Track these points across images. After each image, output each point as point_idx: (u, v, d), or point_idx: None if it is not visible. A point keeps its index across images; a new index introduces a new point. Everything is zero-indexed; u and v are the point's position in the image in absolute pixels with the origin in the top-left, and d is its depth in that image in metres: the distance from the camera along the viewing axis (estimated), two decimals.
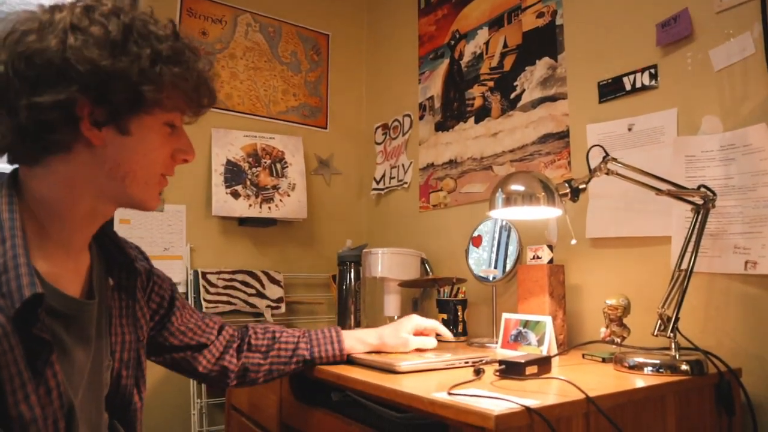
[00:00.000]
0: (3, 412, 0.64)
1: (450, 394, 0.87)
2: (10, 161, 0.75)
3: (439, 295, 1.77)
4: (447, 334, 1.34)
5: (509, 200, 1.20)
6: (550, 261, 1.44)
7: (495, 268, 1.65)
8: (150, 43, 0.73)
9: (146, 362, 0.98)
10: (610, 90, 1.50)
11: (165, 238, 2.04)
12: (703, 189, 1.18)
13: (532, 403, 0.79)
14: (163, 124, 0.79)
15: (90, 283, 0.83)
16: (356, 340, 1.23)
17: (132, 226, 1.98)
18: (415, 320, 1.29)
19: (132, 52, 0.71)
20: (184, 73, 0.76)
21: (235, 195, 2.14)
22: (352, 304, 1.93)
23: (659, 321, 1.13)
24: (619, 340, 1.22)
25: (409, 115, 2.30)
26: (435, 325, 1.32)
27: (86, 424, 0.80)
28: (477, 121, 1.95)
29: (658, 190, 1.18)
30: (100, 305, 0.85)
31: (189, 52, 0.78)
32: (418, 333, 1.29)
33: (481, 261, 1.70)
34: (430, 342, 1.29)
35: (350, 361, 1.22)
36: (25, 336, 0.66)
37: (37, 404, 0.66)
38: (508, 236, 1.64)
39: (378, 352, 1.23)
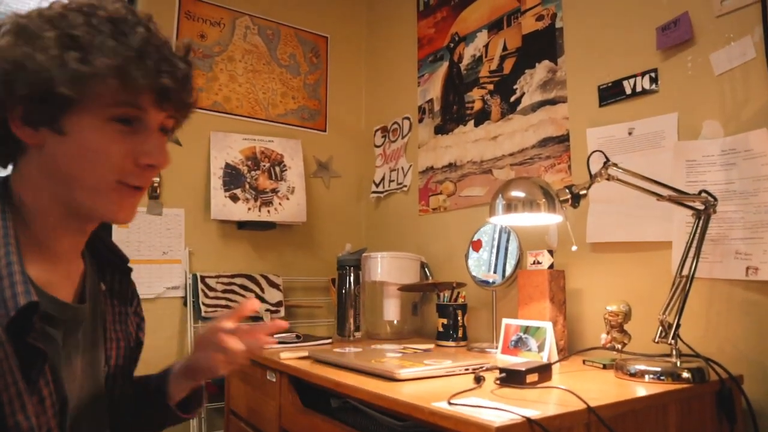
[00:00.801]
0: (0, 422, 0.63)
1: (450, 403, 0.86)
2: None
3: (439, 300, 1.76)
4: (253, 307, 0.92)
5: (510, 207, 1.20)
6: (551, 266, 1.44)
7: (495, 272, 1.65)
8: (59, 26, 0.65)
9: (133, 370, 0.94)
10: (611, 94, 1.50)
11: (163, 242, 2.03)
12: (704, 194, 1.17)
13: (533, 413, 0.79)
14: (107, 121, 0.68)
15: (83, 288, 0.81)
16: (175, 382, 0.95)
17: (130, 230, 1.97)
18: (212, 332, 0.89)
19: (42, 38, 0.64)
20: (116, 59, 0.65)
21: (234, 198, 2.13)
22: (352, 308, 1.92)
23: (660, 327, 1.12)
24: (619, 346, 1.21)
25: (408, 118, 2.29)
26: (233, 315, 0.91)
27: (86, 422, 0.79)
28: (477, 125, 1.94)
29: (659, 196, 1.18)
30: (94, 310, 0.83)
31: (124, 24, 0.68)
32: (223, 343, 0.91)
33: (481, 265, 1.70)
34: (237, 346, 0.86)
35: (347, 367, 1.22)
36: (19, 345, 0.64)
37: (32, 414, 0.65)
38: (508, 240, 1.64)
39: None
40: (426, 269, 2.01)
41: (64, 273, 0.77)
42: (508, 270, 1.61)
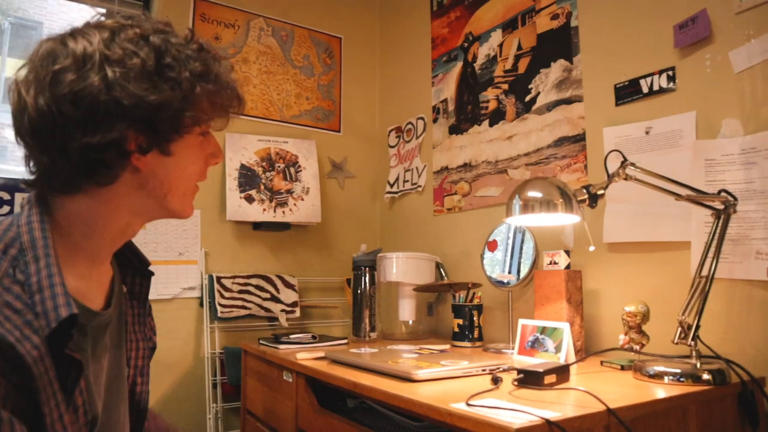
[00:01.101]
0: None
1: (468, 404, 0.86)
2: (48, 190, 0.73)
3: (455, 300, 1.76)
4: None
5: (527, 207, 1.19)
6: (567, 266, 1.43)
7: (510, 273, 1.64)
8: (185, 65, 0.72)
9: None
10: (627, 92, 1.48)
11: (180, 243, 2.05)
12: (723, 194, 1.16)
13: (552, 415, 0.78)
14: (197, 136, 0.78)
15: (110, 292, 0.83)
16: None
17: (147, 231, 1.99)
18: None
19: (171, 79, 0.71)
20: (216, 87, 0.76)
21: (250, 199, 2.14)
22: (367, 308, 1.92)
23: (679, 328, 1.11)
24: (638, 347, 1.20)
25: (422, 118, 2.29)
26: None
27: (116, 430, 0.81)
28: (491, 124, 1.93)
29: (678, 196, 1.16)
30: (118, 313, 0.85)
31: (214, 61, 0.77)
32: None
33: (496, 265, 1.69)
34: None
35: (364, 368, 1.22)
36: (57, 355, 0.65)
37: (69, 424, 0.66)
38: (524, 241, 1.63)
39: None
40: (441, 269, 2.00)
41: (97, 279, 0.79)
42: (524, 270, 1.60)
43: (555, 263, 1.44)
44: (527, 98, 1.80)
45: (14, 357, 0.59)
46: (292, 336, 1.73)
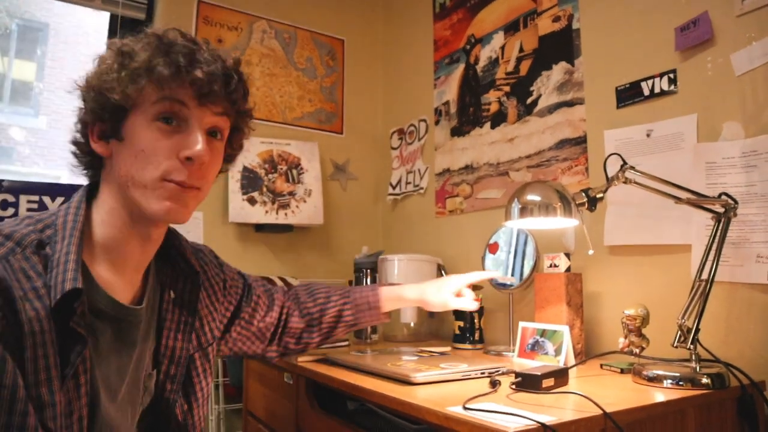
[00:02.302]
0: (25, 392, 0.66)
1: (465, 408, 0.86)
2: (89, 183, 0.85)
3: None
4: (493, 275, 1.46)
5: (526, 210, 1.19)
6: (568, 269, 1.43)
7: (512, 275, 1.64)
8: (119, 50, 0.77)
9: (206, 381, 0.98)
10: (628, 95, 1.48)
11: None
12: (724, 197, 1.15)
13: (548, 419, 0.79)
14: (152, 120, 0.76)
15: (143, 292, 0.87)
16: (395, 300, 1.27)
17: None
18: (457, 280, 1.30)
19: (105, 62, 0.78)
20: (146, 58, 0.75)
21: (252, 201, 2.15)
22: None
23: (679, 332, 1.11)
24: (637, 350, 1.20)
25: (424, 120, 2.29)
26: (478, 277, 1.34)
27: (123, 427, 0.82)
28: (493, 127, 1.93)
29: (678, 199, 1.16)
30: (150, 315, 0.88)
31: (151, 36, 0.77)
32: (459, 295, 1.30)
33: (497, 267, 1.69)
34: (471, 305, 1.29)
35: (364, 370, 1.22)
36: (63, 328, 0.70)
37: (59, 391, 0.69)
38: (525, 243, 1.63)
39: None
40: (443, 271, 2.00)
41: (129, 279, 0.83)
42: (525, 273, 1.60)
43: (555, 266, 1.44)
44: (529, 100, 1.80)
45: (14, 310, 0.66)
46: None
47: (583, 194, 1.18)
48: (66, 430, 0.70)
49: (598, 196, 1.18)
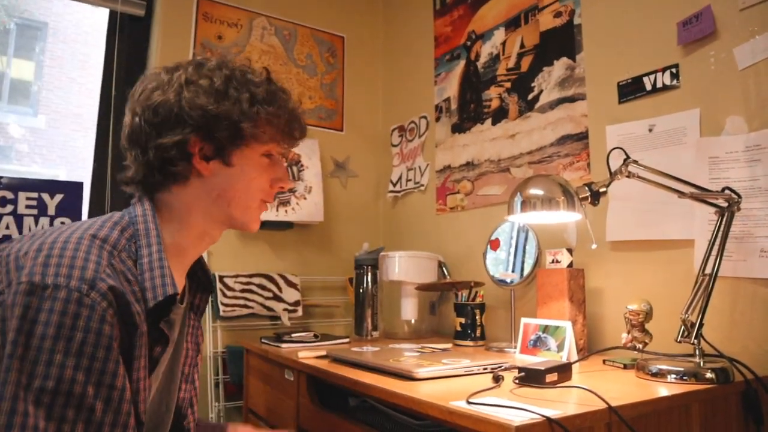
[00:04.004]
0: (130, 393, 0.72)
1: (469, 402, 0.85)
2: (142, 191, 0.88)
3: (457, 299, 1.75)
4: None
5: (528, 204, 1.18)
6: (570, 264, 1.42)
7: (513, 271, 1.63)
8: (247, 88, 0.86)
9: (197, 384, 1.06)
10: (630, 90, 1.47)
11: None
12: (727, 191, 1.15)
13: (553, 413, 0.78)
14: (260, 156, 0.89)
15: (182, 295, 0.93)
16: None
17: None
18: None
19: (233, 97, 0.85)
20: (277, 111, 0.88)
21: None
22: (369, 307, 1.92)
23: (683, 327, 1.11)
24: (640, 346, 1.19)
25: (425, 117, 2.29)
26: None
27: (153, 418, 0.88)
28: (494, 123, 1.93)
29: (681, 193, 1.16)
30: (183, 316, 0.95)
31: (281, 93, 0.91)
32: None
33: (499, 264, 1.69)
34: None
35: (365, 366, 1.22)
36: (151, 328, 0.77)
37: (143, 389, 0.75)
38: (526, 239, 1.62)
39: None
40: (444, 268, 2.00)
41: (179, 281, 0.89)
42: (527, 269, 1.60)
43: (557, 261, 1.43)
44: (530, 96, 1.79)
45: (128, 313, 0.72)
46: (294, 335, 1.72)
47: (586, 188, 1.18)
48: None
49: (602, 190, 1.18)
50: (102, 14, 2.23)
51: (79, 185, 1.88)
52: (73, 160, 8.54)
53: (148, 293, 0.76)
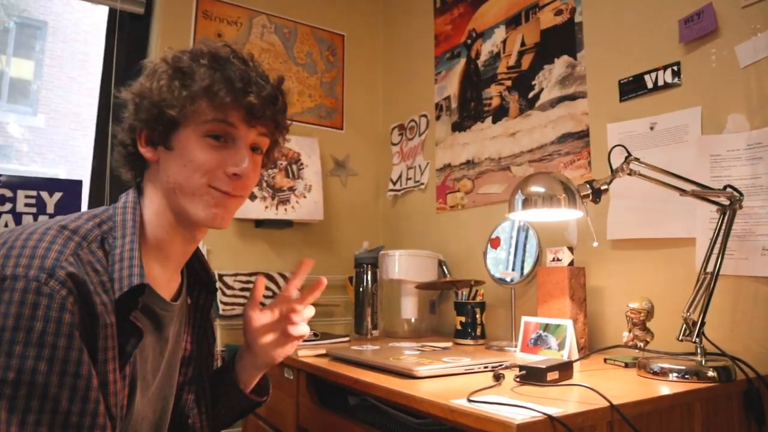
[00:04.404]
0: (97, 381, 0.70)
1: (470, 400, 0.85)
2: (132, 177, 0.88)
3: (457, 298, 1.75)
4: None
5: (529, 202, 1.18)
6: (571, 263, 1.41)
7: (513, 270, 1.63)
8: (171, 64, 0.82)
9: (209, 386, 1.03)
10: (632, 88, 1.47)
11: None
12: (729, 189, 1.14)
13: (554, 411, 0.77)
14: (202, 136, 0.81)
15: (177, 295, 0.91)
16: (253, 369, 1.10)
17: None
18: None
19: (158, 79, 0.81)
20: (200, 82, 0.80)
21: (252, 197, 2.14)
22: (369, 306, 1.91)
23: (684, 325, 1.10)
24: (642, 344, 1.19)
25: (425, 116, 2.28)
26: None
27: (146, 422, 0.86)
28: (494, 121, 1.92)
29: (683, 191, 1.15)
30: (180, 314, 0.93)
31: (221, 58, 0.83)
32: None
33: (499, 263, 1.68)
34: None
35: (365, 364, 1.21)
36: (121, 320, 0.74)
37: (112, 382, 0.72)
38: (527, 237, 1.62)
39: None
40: (444, 267, 1.99)
41: (169, 278, 0.88)
42: (527, 267, 1.59)
43: (558, 260, 1.43)
44: (531, 95, 1.78)
45: (89, 303, 0.69)
46: None
47: (588, 186, 1.17)
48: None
49: (603, 187, 1.17)
50: (101, 13, 2.22)
51: (78, 183, 1.87)
52: (72, 159, 8.54)
53: (116, 284, 0.74)
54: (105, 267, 0.74)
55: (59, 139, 8.60)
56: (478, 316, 1.68)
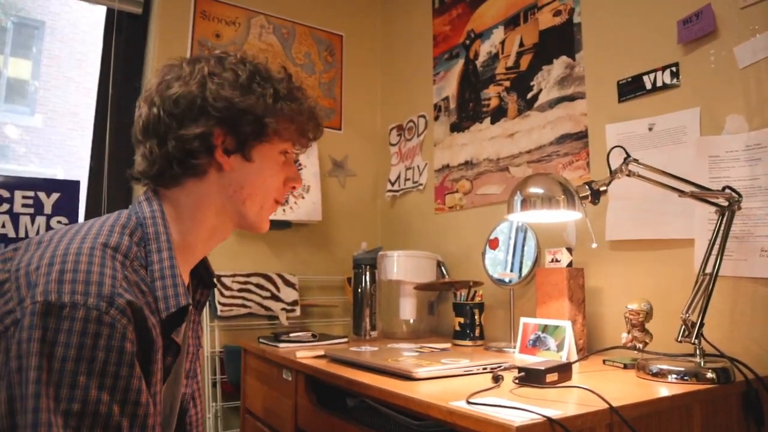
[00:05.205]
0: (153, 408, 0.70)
1: (469, 402, 0.85)
2: (153, 186, 0.85)
3: (456, 299, 1.74)
4: None
5: (528, 203, 1.18)
6: (569, 264, 1.41)
7: (512, 271, 1.63)
8: (271, 84, 0.86)
9: (199, 379, 1.05)
10: (630, 89, 1.47)
11: None
12: (727, 190, 1.14)
13: (554, 413, 0.77)
14: (279, 153, 0.89)
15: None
16: None
17: None
18: None
19: (257, 91, 0.84)
20: (299, 108, 0.88)
21: None
22: (368, 307, 1.91)
23: (683, 326, 1.10)
24: (641, 345, 1.19)
25: (424, 116, 2.28)
26: None
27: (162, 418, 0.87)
28: (493, 122, 1.92)
29: (682, 192, 1.15)
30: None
31: (299, 92, 0.90)
32: None
33: (498, 264, 1.68)
34: None
35: (364, 366, 1.21)
36: (163, 337, 0.75)
37: (156, 402, 0.73)
38: (525, 238, 1.62)
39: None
40: (442, 268, 1.99)
41: (185, 280, 0.88)
42: (526, 268, 1.59)
43: (557, 261, 1.43)
44: (529, 95, 1.78)
45: (146, 328, 0.69)
46: (292, 334, 1.72)
47: (587, 187, 1.17)
48: None
49: (602, 188, 1.17)
50: (99, 12, 2.22)
51: (75, 184, 1.86)
52: (70, 159, 8.52)
53: (161, 303, 0.74)
54: (148, 286, 0.74)
55: (57, 140, 8.58)
56: (476, 317, 1.67)
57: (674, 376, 1.03)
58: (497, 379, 1.01)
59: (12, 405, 0.60)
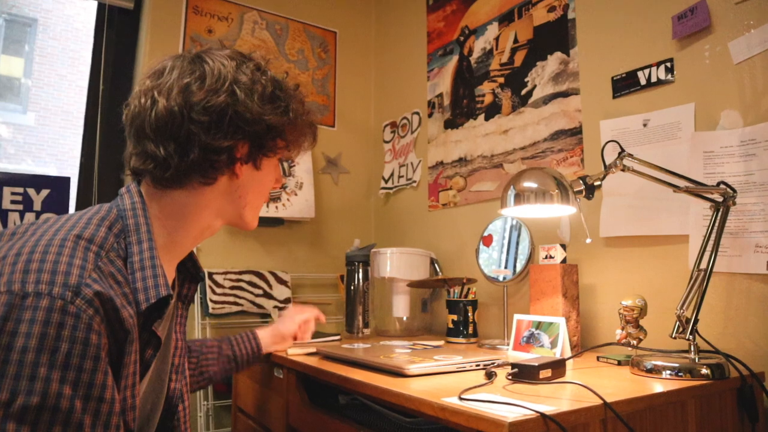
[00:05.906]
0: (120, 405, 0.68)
1: (461, 399, 0.83)
2: (154, 182, 0.83)
3: (449, 296, 1.73)
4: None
5: (521, 197, 1.17)
6: (563, 260, 1.40)
7: (506, 268, 1.62)
8: (289, 98, 0.88)
9: (188, 374, 1.05)
10: (625, 85, 1.46)
11: None
12: (722, 186, 1.14)
13: (547, 409, 0.76)
14: (278, 160, 0.93)
15: (173, 288, 0.92)
16: (270, 337, 1.38)
17: None
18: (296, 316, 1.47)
19: (281, 107, 0.86)
20: (309, 122, 0.92)
21: None
22: (361, 304, 1.90)
23: (677, 323, 1.09)
24: (635, 342, 1.18)
25: (417, 113, 2.27)
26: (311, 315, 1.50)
27: (141, 414, 0.85)
28: (487, 118, 1.91)
29: (676, 187, 1.14)
30: (172, 308, 0.94)
31: (304, 104, 0.93)
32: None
33: (491, 261, 1.67)
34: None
35: (356, 363, 1.19)
36: (142, 330, 0.74)
37: (130, 396, 0.71)
38: (519, 235, 1.61)
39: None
40: (436, 265, 1.98)
41: (169, 274, 0.87)
42: (520, 265, 1.58)
43: (551, 257, 1.42)
44: (523, 92, 1.77)
45: (119, 319, 0.67)
46: None
47: (581, 181, 1.16)
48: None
49: (596, 183, 1.16)
50: (91, 9, 2.19)
51: (65, 180, 1.84)
52: (63, 157, 8.46)
53: (140, 295, 0.73)
54: (125, 277, 0.73)
55: (49, 137, 8.52)
56: (470, 314, 1.66)
57: (668, 372, 1.02)
58: (490, 375, 1.00)
59: None
